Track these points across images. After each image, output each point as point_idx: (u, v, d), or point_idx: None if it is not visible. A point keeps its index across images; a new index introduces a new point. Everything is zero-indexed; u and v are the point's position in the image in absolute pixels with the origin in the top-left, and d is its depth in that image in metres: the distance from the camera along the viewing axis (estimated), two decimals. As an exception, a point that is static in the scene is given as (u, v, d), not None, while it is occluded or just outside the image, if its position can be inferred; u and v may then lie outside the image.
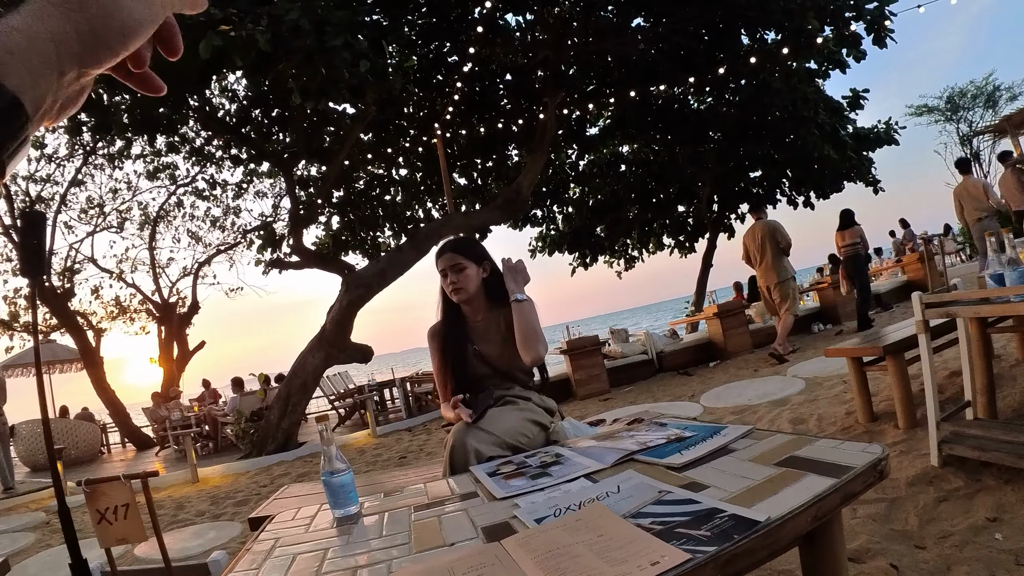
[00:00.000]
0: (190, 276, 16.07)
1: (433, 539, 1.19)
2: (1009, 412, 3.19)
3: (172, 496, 6.13)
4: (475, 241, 2.36)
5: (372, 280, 8.57)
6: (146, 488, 2.15)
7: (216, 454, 9.35)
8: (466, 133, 10.30)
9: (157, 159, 13.13)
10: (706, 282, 15.18)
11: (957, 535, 2.13)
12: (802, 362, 6.79)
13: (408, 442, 7.29)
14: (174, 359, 14.78)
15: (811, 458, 1.20)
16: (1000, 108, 23.98)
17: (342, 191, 10.88)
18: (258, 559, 1.25)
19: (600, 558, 0.88)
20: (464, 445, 1.85)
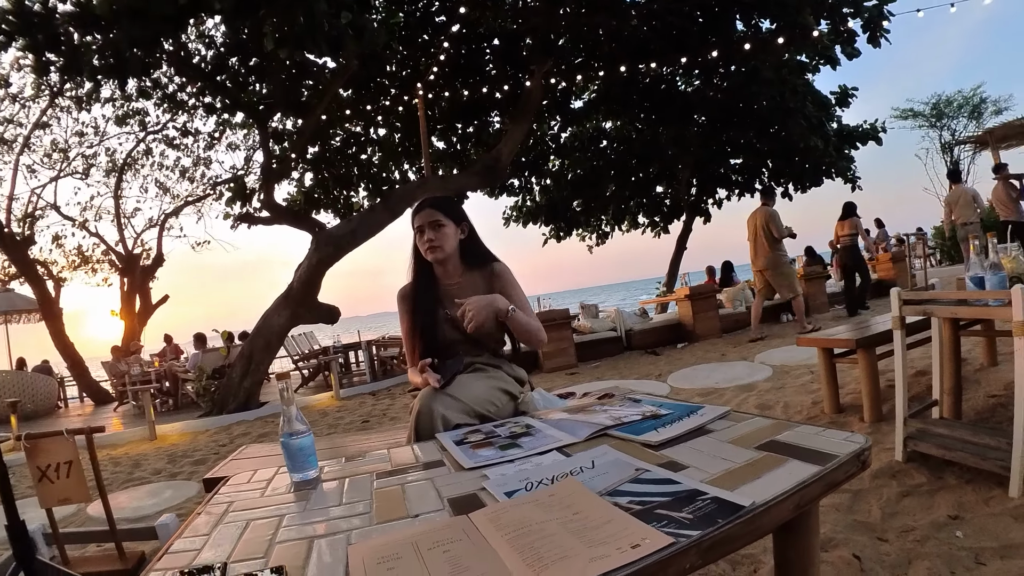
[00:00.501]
0: (156, 227, 15.57)
1: (396, 509, 1.12)
2: (972, 414, 3.25)
3: (129, 453, 5.98)
4: (456, 201, 2.27)
5: (343, 240, 8.39)
6: (91, 444, 2.05)
7: (176, 411, 9.16)
8: (449, 96, 10.06)
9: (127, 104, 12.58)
10: (679, 264, 15.28)
11: (919, 530, 2.14)
12: (770, 350, 6.86)
13: (371, 406, 7.22)
14: (136, 313, 14.36)
15: (793, 444, 1.16)
16: (984, 120, 24.48)
17: (317, 147, 10.57)
18: (209, 524, 1.18)
19: (577, 538, 0.83)
20: (431, 411, 1.78)
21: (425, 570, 0.82)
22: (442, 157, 11.77)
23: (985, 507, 2.22)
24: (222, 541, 1.07)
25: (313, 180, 11.12)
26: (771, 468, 1.04)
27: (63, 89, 11.86)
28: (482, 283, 2.17)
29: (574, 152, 13.96)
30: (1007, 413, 3.12)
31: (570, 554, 0.78)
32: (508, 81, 9.85)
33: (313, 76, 8.77)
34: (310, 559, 0.94)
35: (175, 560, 1.01)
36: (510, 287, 2.16)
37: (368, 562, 0.87)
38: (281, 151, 10.07)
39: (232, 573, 0.91)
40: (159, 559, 1.03)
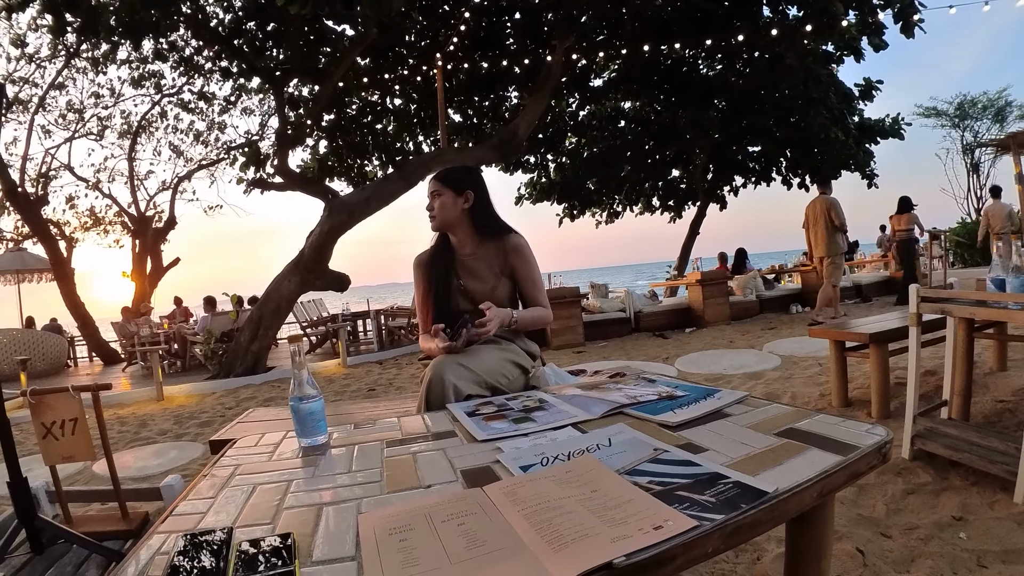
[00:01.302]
0: (169, 190, 15.60)
1: (407, 479, 1.10)
2: (980, 417, 3.22)
3: (136, 413, 6.03)
4: (463, 170, 2.20)
5: (356, 207, 8.34)
6: (97, 402, 2.04)
7: (184, 373, 9.22)
8: (467, 68, 9.93)
9: (143, 66, 12.51)
10: (691, 249, 15.18)
11: (923, 529, 2.13)
12: (779, 340, 6.83)
13: (378, 375, 7.25)
14: (147, 275, 14.43)
15: (813, 432, 1.14)
16: (1008, 124, 24.05)
17: (333, 115, 10.47)
18: (215, 487, 1.16)
19: (596, 516, 0.81)
20: (442, 380, 1.77)
21: (439, 542, 0.80)
22: (458, 130, 11.64)
23: (989, 510, 2.21)
24: (227, 505, 1.06)
25: (327, 148, 11.04)
26: (792, 455, 1.02)
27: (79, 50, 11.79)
28: (496, 256, 2.14)
29: (591, 131, 13.78)
30: (1014, 419, 3.10)
31: (590, 533, 0.76)
32: (528, 56, 9.71)
33: (331, 43, 8.67)
34: (318, 527, 0.92)
35: (179, 523, 1.00)
36: (524, 264, 2.13)
37: (379, 532, 0.85)
38: (296, 117, 9.99)
39: (237, 538, 0.89)
40: (163, 521, 1.01)
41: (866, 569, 1.90)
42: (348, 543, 0.85)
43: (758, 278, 10.31)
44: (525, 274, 2.14)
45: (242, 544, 0.85)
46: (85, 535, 2.02)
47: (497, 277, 2.13)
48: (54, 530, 1.97)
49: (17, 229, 14.01)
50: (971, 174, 25.12)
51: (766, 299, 9.98)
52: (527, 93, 10.35)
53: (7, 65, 12.34)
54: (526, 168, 14.32)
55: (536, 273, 2.16)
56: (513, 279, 2.16)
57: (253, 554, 0.81)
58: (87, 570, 1.96)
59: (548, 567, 0.70)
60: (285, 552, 0.82)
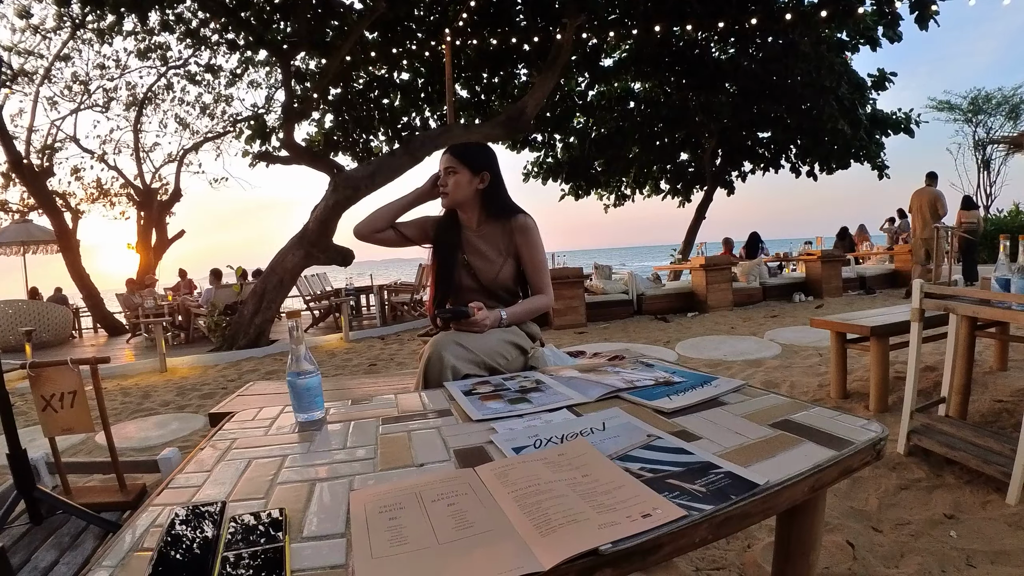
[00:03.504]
0: (174, 163, 15.54)
1: (401, 457, 1.11)
2: (977, 416, 3.21)
3: (139, 384, 6.07)
4: (480, 149, 2.18)
5: (361, 182, 8.30)
6: (95, 375, 2.05)
7: (187, 345, 9.26)
8: (476, 44, 9.81)
9: (149, 38, 12.39)
10: (696, 233, 15.13)
11: (914, 525, 2.14)
12: (781, 328, 6.82)
13: (380, 350, 7.27)
14: (152, 247, 14.45)
15: (808, 425, 1.13)
16: (1022, 122, 23.69)
17: (340, 89, 10.41)
18: (211, 460, 1.17)
19: (586, 501, 0.81)
20: (440, 359, 1.77)
21: (428, 522, 0.80)
22: (465, 106, 11.55)
23: (981, 510, 2.22)
24: (223, 479, 1.06)
25: (333, 122, 10.99)
26: (786, 448, 1.02)
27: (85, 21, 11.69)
28: (501, 236, 2.13)
29: (600, 111, 13.69)
30: (1012, 419, 3.09)
31: (579, 518, 0.76)
32: (538, 33, 9.59)
33: (339, 16, 8.58)
34: (311, 502, 0.93)
35: (175, 495, 1.00)
36: (529, 246, 2.12)
37: (370, 510, 0.86)
38: (303, 91, 9.92)
39: (231, 512, 0.89)
40: (159, 493, 1.02)
41: (855, 562, 1.91)
42: (339, 520, 0.86)
43: (763, 265, 10.28)
44: (529, 257, 2.13)
45: (234, 518, 0.86)
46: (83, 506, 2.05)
47: (502, 256, 2.13)
48: (52, 501, 2.00)
49: (23, 200, 13.96)
50: (982, 170, 24.86)
51: (770, 286, 9.95)
52: (536, 71, 10.24)
53: (12, 36, 12.26)
54: (533, 146, 14.25)
55: (540, 256, 2.15)
56: (517, 260, 2.15)
57: (245, 529, 0.83)
58: (84, 540, 1.99)
59: (535, 551, 0.70)
60: (276, 527, 0.83)
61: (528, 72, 11.23)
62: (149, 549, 0.79)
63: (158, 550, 0.77)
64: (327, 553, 0.77)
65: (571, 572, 0.68)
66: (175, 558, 0.75)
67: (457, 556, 0.71)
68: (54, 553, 1.91)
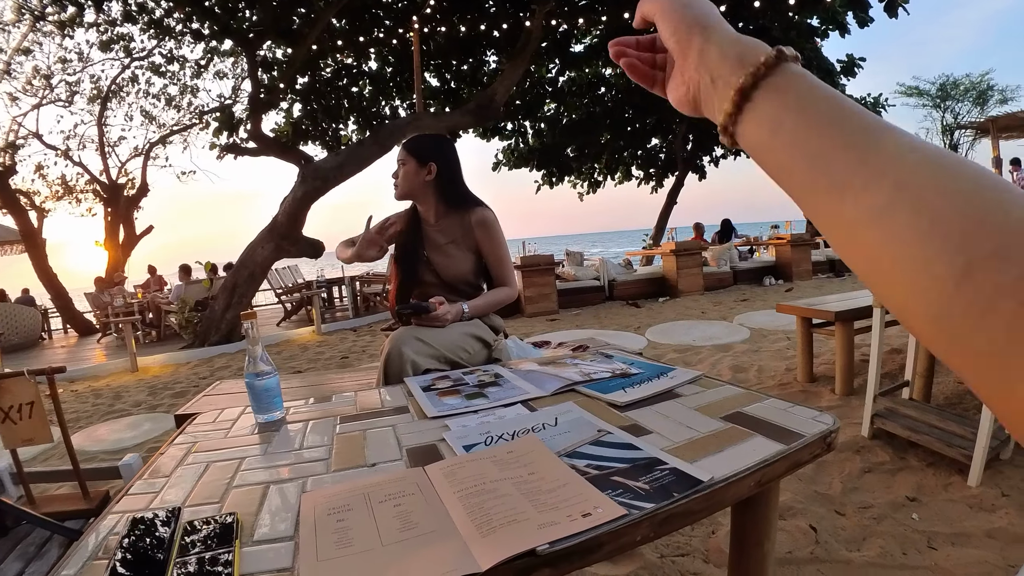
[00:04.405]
0: (141, 157, 15.30)
1: (355, 457, 1.11)
2: (941, 399, 3.30)
3: (110, 385, 5.97)
4: (432, 141, 2.18)
5: (330, 173, 8.23)
6: (52, 385, 2.02)
7: (159, 343, 9.14)
8: (445, 31, 9.73)
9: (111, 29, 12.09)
10: (667, 218, 15.25)
11: (876, 508, 2.19)
12: (750, 312, 6.92)
13: (352, 342, 7.25)
14: (120, 243, 14.20)
15: (760, 417, 1.14)
16: (988, 108, 24.31)
17: (307, 78, 10.26)
18: (171, 465, 1.16)
19: (528, 500, 0.82)
20: (400, 354, 1.77)
21: (374, 524, 0.81)
22: (435, 94, 11.46)
23: (943, 492, 2.27)
24: (181, 484, 1.06)
25: (301, 111, 10.83)
26: (735, 442, 1.03)
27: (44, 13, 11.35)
28: (459, 231, 2.12)
29: (570, 97, 13.67)
30: (974, 402, 3.17)
31: (519, 518, 0.77)
32: (508, 19, 9.53)
33: (305, 4, 8.43)
34: (263, 505, 0.93)
35: (133, 502, 1.00)
36: (490, 240, 2.11)
37: (319, 512, 0.86)
38: (270, 81, 9.75)
39: (186, 518, 0.89)
40: (118, 501, 1.01)
41: (818, 546, 1.95)
42: (288, 523, 0.86)
43: (733, 249, 10.41)
44: (489, 250, 2.13)
45: (188, 524, 0.86)
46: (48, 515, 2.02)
47: (462, 251, 2.12)
48: (16, 512, 1.97)
49: (-15, 200, 13.66)
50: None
51: (740, 271, 10.09)
52: (506, 58, 10.19)
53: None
54: (503, 134, 14.19)
55: (501, 249, 2.15)
56: (477, 254, 2.15)
57: (198, 534, 0.83)
58: (49, 550, 1.96)
59: (474, 551, 0.71)
60: (228, 532, 0.83)
61: (498, 59, 11.16)
62: (107, 557, 0.79)
63: (113, 560, 0.77)
64: (275, 557, 0.77)
65: (510, 572, 0.69)
66: (129, 567, 0.75)
67: (399, 558, 0.72)
68: (20, 563, 1.88)
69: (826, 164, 0.34)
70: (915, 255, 0.29)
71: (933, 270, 0.28)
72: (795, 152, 0.36)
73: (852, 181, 0.32)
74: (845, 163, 0.33)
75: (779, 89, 0.38)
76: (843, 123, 0.34)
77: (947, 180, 0.29)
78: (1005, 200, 0.27)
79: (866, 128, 0.33)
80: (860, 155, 0.32)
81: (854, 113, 0.34)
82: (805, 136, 0.35)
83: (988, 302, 0.26)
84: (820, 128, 0.35)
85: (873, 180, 0.31)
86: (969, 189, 0.28)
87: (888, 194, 0.30)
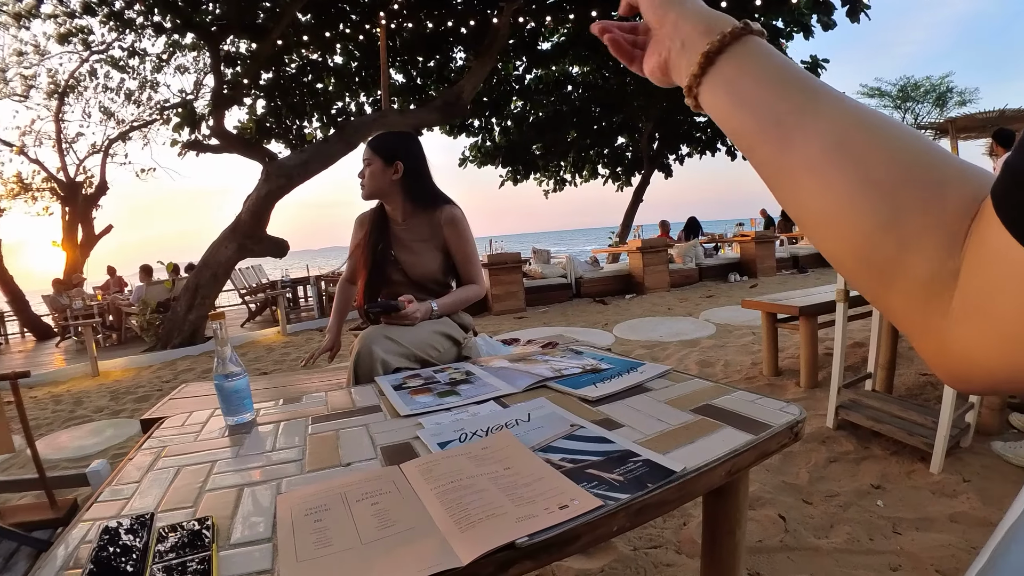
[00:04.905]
0: (99, 154, 14.83)
1: (329, 457, 1.11)
2: (903, 390, 3.41)
3: (71, 391, 5.80)
4: (397, 139, 2.16)
5: (295, 170, 8.11)
6: (16, 391, 1.96)
7: (120, 346, 8.90)
8: (412, 27, 9.67)
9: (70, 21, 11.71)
10: (634, 216, 15.41)
11: (843, 496, 2.26)
12: (716, 308, 7.03)
13: (318, 342, 7.15)
14: (78, 243, 13.79)
15: (728, 409, 1.17)
16: (947, 109, 25.22)
17: (271, 73, 10.09)
18: (140, 470, 1.14)
19: (505, 494, 0.83)
20: (371, 353, 1.77)
21: (352, 522, 0.81)
22: (401, 91, 11.39)
23: (907, 480, 2.35)
24: (152, 489, 1.04)
25: (265, 108, 10.65)
26: (705, 433, 1.05)
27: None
28: (429, 229, 2.12)
29: (537, 95, 13.73)
30: (935, 392, 3.27)
31: (497, 512, 0.78)
32: (476, 16, 9.52)
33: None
34: (238, 508, 0.92)
35: (104, 510, 0.98)
36: (458, 238, 2.11)
37: (296, 513, 0.86)
38: (233, 76, 9.57)
39: (160, 523, 0.88)
40: (88, 509, 0.99)
41: (787, 535, 2.00)
42: (265, 525, 0.85)
43: (698, 247, 10.57)
44: (458, 248, 2.13)
45: (163, 530, 0.85)
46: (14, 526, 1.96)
47: (430, 250, 2.12)
48: (-22, 524, 1.91)
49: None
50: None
51: (706, 267, 10.25)
52: (473, 55, 10.18)
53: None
54: (470, 131, 14.18)
55: (469, 247, 2.15)
56: (446, 252, 2.15)
57: (173, 539, 0.82)
58: (17, 561, 1.91)
59: (454, 546, 0.71)
60: (204, 536, 0.82)
61: (465, 56, 11.13)
62: (79, 567, 0.78)
63: (85, 570, 0.75)
64: (254, 559, 0.77)
65: (490, 566, 0.70)
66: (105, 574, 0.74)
67: (380, 555, 0.72)
68: (-14, 576, 1.83)
69: (774, 119, 0.38)
70: (847, 202, 0.33)
71: (863, 216, 0.32)
72: (748, 109, 0.40)
73: (794, 134, 0.37)
74: (789, 118, 0.37)
75: (740, 55, 0.43)
76: (790, 84, 0.39)
77: (879, 138, 0.33)
78: (928, 158, 0.32)
79: (810, 89, 0.38)
80: (803, 112, 0.37)
81: (800, 77, 0.39)
82: (756, 95, 0.40)
83: (910, 244, 0.30)
84: (770, 87, 0.40)
85: (814, 134, 0.36)
86: (898, 147, 0.33)
87: (826, 147, 0.35)
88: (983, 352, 0.28)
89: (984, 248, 0.27)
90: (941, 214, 0.30)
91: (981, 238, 0.28)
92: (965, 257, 0.28)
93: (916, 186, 0.31)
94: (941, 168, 0.31)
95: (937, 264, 0.29)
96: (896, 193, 0.31)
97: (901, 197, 0.31)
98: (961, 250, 0.29)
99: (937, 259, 0.29)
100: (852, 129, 0.34)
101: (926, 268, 0.30)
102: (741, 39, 0.43)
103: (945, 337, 0.30)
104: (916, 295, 0.30)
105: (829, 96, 0.37)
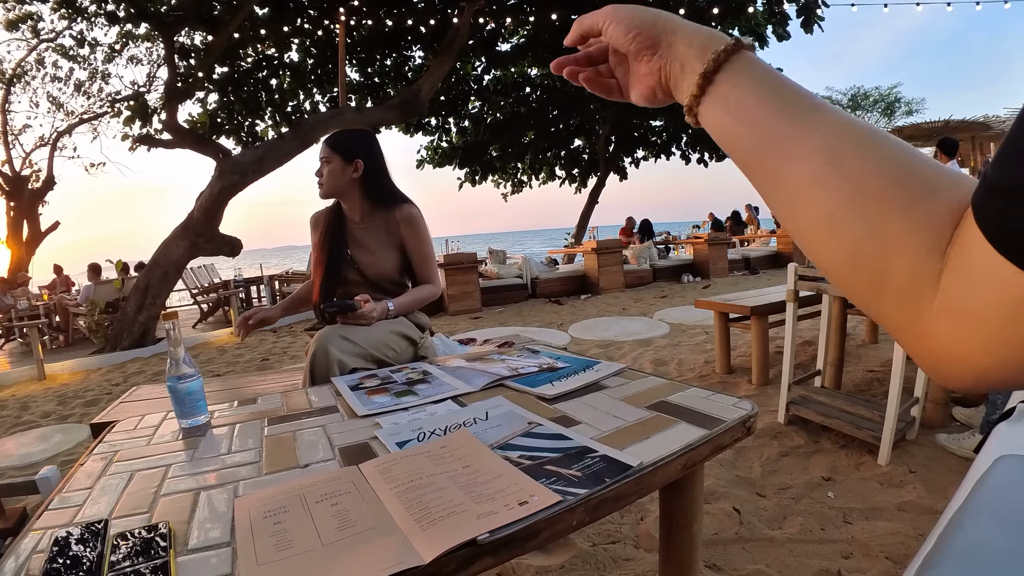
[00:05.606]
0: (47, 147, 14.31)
1: (286, 458, 1.10)
2: (851, 386, 3.53)
3: (16, 395, 5.56)
4: (355, 136, 2.14)
5: (249, 167, 7.94)
6: None
7: (67, 348, 8.59)
8: (371, 25, 9.56)
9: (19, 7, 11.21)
10: (589, 217, 15.58)
11: (795, 488, 2.33)
12: (670, 308, 7.16)
13: (272, 343, 7.03)
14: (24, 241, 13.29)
15: (683, 405, 1.21)
16: (895, 118, 26.24)
17: (226, 67, 9.85)
18: (92, 476, 1.11)
19: (465, 492, 0.84)
20: (327, 353, 1.75)
21: (312, 524, 0.81)
22: (358, 88, 11.25)
23: (856, 472, 2.44)
24: (105, 496, 1.01)
25: (217, 102, 10.38)
26: (660, 429, 1.08)
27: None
28: (386, 228, 2.11)
29: (496, 96, 13.74)
30: (882, 388, 3.39)
31: (458, 510, 0.79)
32: (435, 15, 9.48)
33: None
34: (195, 513, 0.91)
35: (56, 517, 0.95)
36: (415, 237, 2.11)
37: (254, 516, 0.85)
38: (187, 68, 9.31)
39: (114, 530, 0.86)
40: (38, 517, 0.96)
41: (742, 527, 2.05)
42: (223, 529, 0.84)
43: (652, 248, 10.75)
44: (415, 247, 2.12)
45: (118, 537, 0.83)
46: (-42, 538, 1.88)
47: (387, 248, 2.11)
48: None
49: None
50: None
51: (660, 268, 10.43)
52: (432, 54, 10.13)
53: None
54: (427, 130, 14.10)
55: (426, 246, 2.15)
56: (402, 251, 2.14)
57: (129, 546, 0.80)
58: (-32, 574, 1.83)
59: (415, 545, 0.72)
60: (161, 542, 0.80)
61: (423, 55, 11.08)
62: (32, 578, 0.76)
63: (41, 578, 0.74)
64: (213, 564, 0.76)
65: (452, 563, 0.71)
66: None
67: (340, 556, 0.72)
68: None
69: (772, 136, 0.40)
70: (839, 213, 0.35)
71: (852, 223, 0.34)
72: (747, 126, 0.42)
73: (793, 151, 0.39)
74: (789, 136, 0.39)
75: (737, 72, 0.44)
76: (788, 102, 0.41)
77: (871, 151, 0.35)
78: (916, 167, 0.34)
79: (807, 107, 0.40)
80: (801, 129, 0.39)
81: (797, 93, 0.41)
82: (756, 113, 0.42)
83: (893, 247, 0.32)
84: (769, 105, 0.41)
85: (808, 150, 0.38)
86: (888, 156, 0.35)
87: (820, 162, 0.37)
88: (971, 352, 0.30)
89: (964, 251, 0.29)
90: (925, 217, 0.31)
91: (962, 242, 0.30)
92: (948, 259, 0.30)
93: (902, 192, 0.33)
94: (932, 177, 0.33)
95: (919, 265, 0.31)
96: (883, 199, 0.33)
97: (887, 203, 0.33)
98: (944, 253, 0.31)
99: (919, 260, 0.31)
100: (844, 143, 0.36)
101: (908, 269, 0.31)
102: (735, 55, 0.45)
103: (934, 339, 0.31)
104: (904, 298, 0.32)
105: (820, 109, 0.39)
